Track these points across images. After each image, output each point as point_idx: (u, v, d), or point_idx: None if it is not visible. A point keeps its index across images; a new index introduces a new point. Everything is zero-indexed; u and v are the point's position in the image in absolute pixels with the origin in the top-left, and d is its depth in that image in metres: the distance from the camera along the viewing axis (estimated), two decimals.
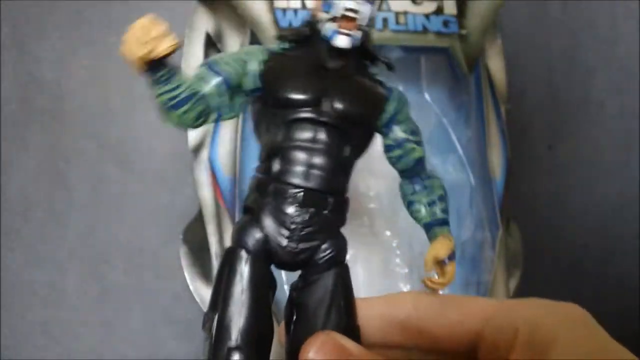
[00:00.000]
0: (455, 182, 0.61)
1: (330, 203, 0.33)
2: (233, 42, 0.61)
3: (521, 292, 0.64)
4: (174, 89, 0.31)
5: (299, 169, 0.32)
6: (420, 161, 0.36)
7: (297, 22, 0.53)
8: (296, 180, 0.32)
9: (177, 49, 0.29)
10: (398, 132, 0.35)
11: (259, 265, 0.32)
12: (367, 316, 0.33)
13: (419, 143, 0.36)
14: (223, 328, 0.31)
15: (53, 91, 0.65)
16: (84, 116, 0.65)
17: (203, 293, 0.59)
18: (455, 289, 0.60)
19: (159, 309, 0.64)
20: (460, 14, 0.56)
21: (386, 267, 0.62)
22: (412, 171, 0.36)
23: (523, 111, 0.69)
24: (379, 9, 0.55)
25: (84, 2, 0.65)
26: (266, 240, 0.32)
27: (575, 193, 0.71)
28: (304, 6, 0.54)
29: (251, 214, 0.33)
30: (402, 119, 0.36)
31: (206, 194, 0.59)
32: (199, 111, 0.32)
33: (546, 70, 0.72)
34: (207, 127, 0.60)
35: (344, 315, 0.32)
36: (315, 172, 0.32)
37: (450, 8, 0.56)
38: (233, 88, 0.33)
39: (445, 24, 0.55)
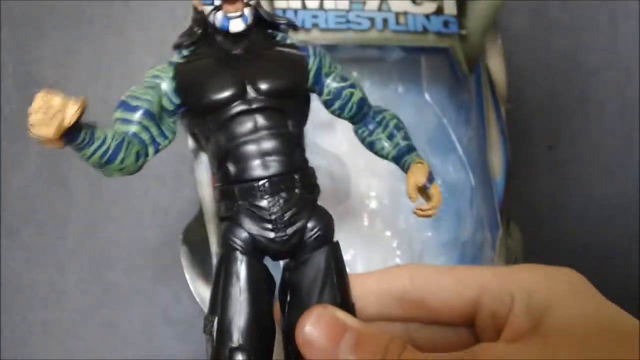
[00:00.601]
0: (456, 182, 0.61)
1: (297, 180, 0.33)
2: None
3: None
4: (100, 146, 0.30)
5: (254, 162, 0.32)
6: (363, 101, 0.36)
7: (297, 23, 0.53)
8: (256, 174, 0.32)
9: (84, 109, 0.28)
10: (330, 85, 0.35)
11: (254, 263, 0.32)
12: (364, 291, 0.33)
13: (353, 86, 0.36)
14: (224, 329, 0.30)
15: (53, 91, 0.65)
16: (85, 116, 0.64)
17: (203, 293, 0.59)
18: None
19: (159, 309, 0.64)
20: (460, 14, 0.56)
21: (386, 266, 0.62)
22: (359, 114, 0.36)
23: (523, 111, 0.69)
24: (379, 9, 0.55)
25: (84, 2, 0.65)
26: (253, 238, 0.32)
27: (575, 193, 0.71)
28: (304, 6, 0.54)
29: (230, 221, 0.32)
30: (328, 71, 0.35)
31: (206, 193, 0.59)
32: (135, 153, 0.31)
33: (546, 70, 0.72)
34: None
35: (338, 293, 0.32)
36: (270, 158, 0.32)
37: (450, 8, 0.56)
38: (157, 116, 0.33)
39: (446, 24, 0.56)
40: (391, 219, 0.60)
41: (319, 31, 0.54)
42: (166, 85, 0.33)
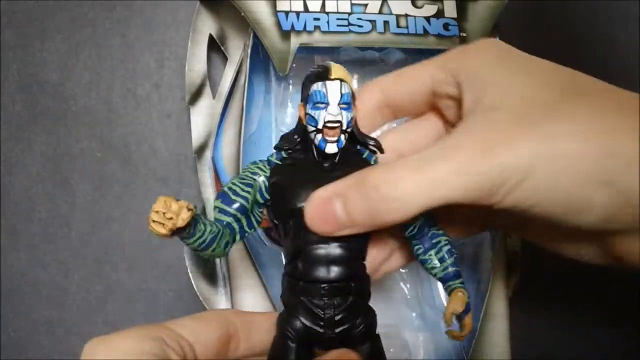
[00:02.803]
0: None
1: (352, 287, 0.37)
2: (236, 44, 0.61)
3: (520, 291, 0.65)
4: (199, 238, 0.35)
5: (320, 266, 0.37)
6: (424, 224, 0.40)
7: (299, 26, 0.54)
8: (320, 277, 0.36)
9: (194, 214, 0.33)
10: None
11: (301, 351, 0.37)
12: (368, 106, 0.42)
13: None
14: None
15: (56, 92, 0.65)
16: (88, 117, 0.65)
17: (206, 292, 0.59)
18: None
19: (162, 309, 0.65)
20: (460, 16, 0.57)
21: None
22: (418, 234, 0.40)
23: None
24: (380, 11, 0.56)
25: (87, 3, 0.66)
26: (306, 330, 0.37)
27: None
28: (305, 8, 0.55)
29: (289, 309, 0.37)
30: None
31: (210, 194, 0.60)
32: (225, 242, 0.36)
33: None
34: (211, 128, 0.61)
35: None
36: (335, 266, 0.37)
37: (451, 11, 0.57)
38: (249, 210, 0.38)
39: (446, 27, 0.56)
40: None
41: (320, 33, 0.54)
42: (261, 182, 0.38)
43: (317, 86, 0.37)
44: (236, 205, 0.37)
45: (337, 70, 0.38)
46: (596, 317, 0.69)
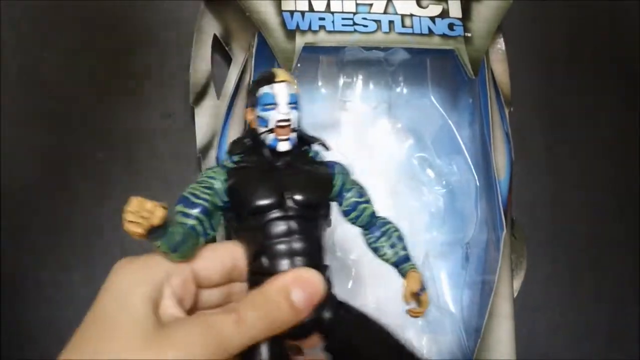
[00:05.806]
0: (461, 183, 0.62)
1: None
2: (241, 44, 0.61)
3: (524, 292, 0.65)
4: (170, 240, 0.36)
5: (284, 259, 0.38)
6: (373, 214, 0.43)
7: (304, 25, 0.54)
8: (285, 270, 0.38)
9: (167, 213, 0.34)
10: (350, 199, 0.42)
11: (275, 345, 0.37)
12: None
13: (367, 201, 0.43)
14: None
15: (57, 92, 0.65)
16: (88, 117, 0.65)
17: None
18: (461, 288, 0.61)
19: None
20: (465, 16, 0.57)
21: (387, 267, 0.62)
22: (369, 224, 0.43)
23: (523, 112, 0.70)
24: (385, 11, 0.56)
25: (88, 3, 0.65)
26: None
27: (574, 193, 0.72)
28: (311, 8, 0.55)
29: None
30: (349, 187, 0.43)
31: None
32: (191, 244, 0.37)
33: (546, 70, 0.73)
34: (215, 128, 0.60)
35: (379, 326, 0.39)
36: (298, 258, 0.38)
37: (456, 11, 0.57)
38: (210, 212, 0.39)
39: (451, 27, 0.56)
40: (395, 219, 0.60)
41: (325, 33, 0.54)
42: (219, 186, 0.39)
43: (265, 89, 0.40)
44: (198, 208, 0.38)
45: (282, 73, 0.41)
46: (596, 318, 0.69)
